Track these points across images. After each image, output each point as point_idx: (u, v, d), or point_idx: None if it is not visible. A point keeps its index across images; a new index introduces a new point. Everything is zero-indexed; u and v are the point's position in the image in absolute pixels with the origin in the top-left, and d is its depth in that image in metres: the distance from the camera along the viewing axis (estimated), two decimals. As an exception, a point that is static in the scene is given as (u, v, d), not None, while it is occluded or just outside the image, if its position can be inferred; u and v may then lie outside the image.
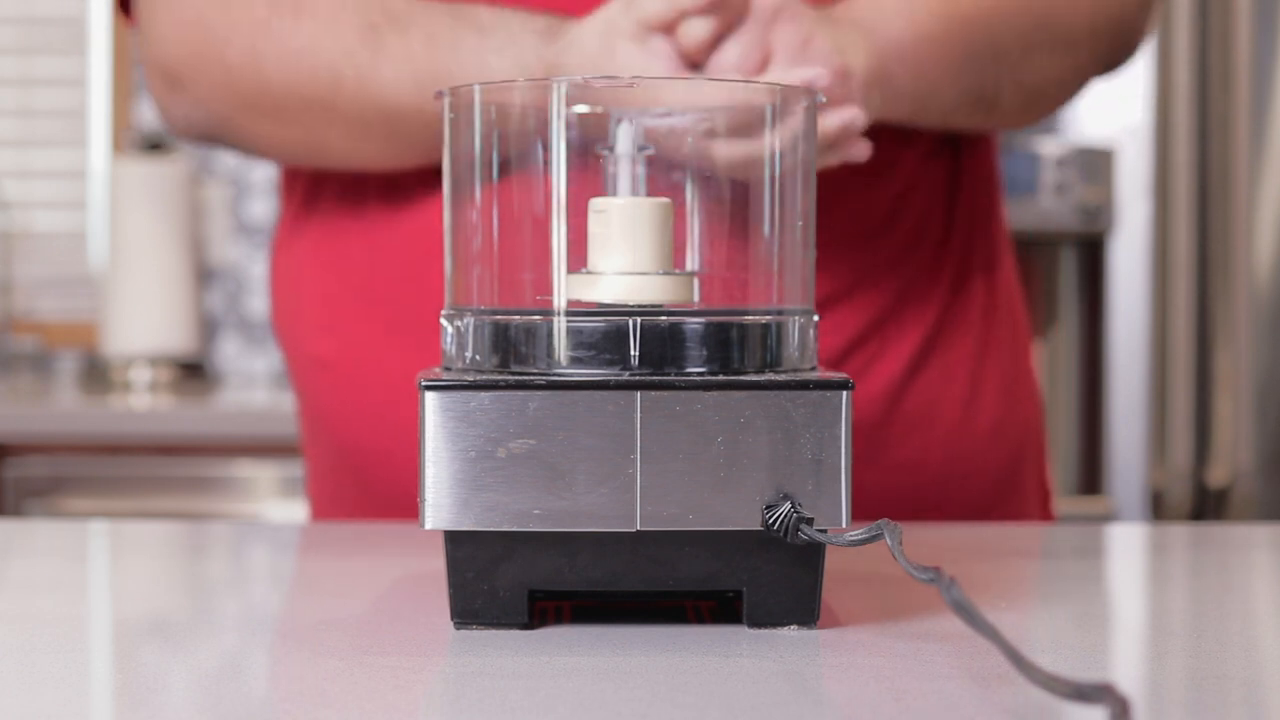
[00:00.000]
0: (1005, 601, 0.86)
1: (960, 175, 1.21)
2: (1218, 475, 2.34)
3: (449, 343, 0.82)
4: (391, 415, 1.16)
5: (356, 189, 1.18)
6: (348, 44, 1.08)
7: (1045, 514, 1.26)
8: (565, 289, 0.80)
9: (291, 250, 1.23)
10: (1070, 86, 1.21)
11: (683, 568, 0.77)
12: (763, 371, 0.78)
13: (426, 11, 1.08)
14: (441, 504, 0.75)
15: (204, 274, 2.95)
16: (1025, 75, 1.16)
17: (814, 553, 0.77)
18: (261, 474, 2.46)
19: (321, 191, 1.20)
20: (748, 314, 0.80)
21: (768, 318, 0.80)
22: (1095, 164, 2.47)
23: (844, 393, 0.76)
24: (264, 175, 2.95)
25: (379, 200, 1.17)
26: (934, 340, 1.18)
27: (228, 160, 2.96)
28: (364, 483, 1.19)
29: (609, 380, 0.75)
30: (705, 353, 0.78)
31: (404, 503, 1.15)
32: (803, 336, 0.81)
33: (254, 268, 2.98)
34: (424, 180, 1.14)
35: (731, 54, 0.98)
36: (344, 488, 1.22)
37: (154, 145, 2.84)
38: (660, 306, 0.79)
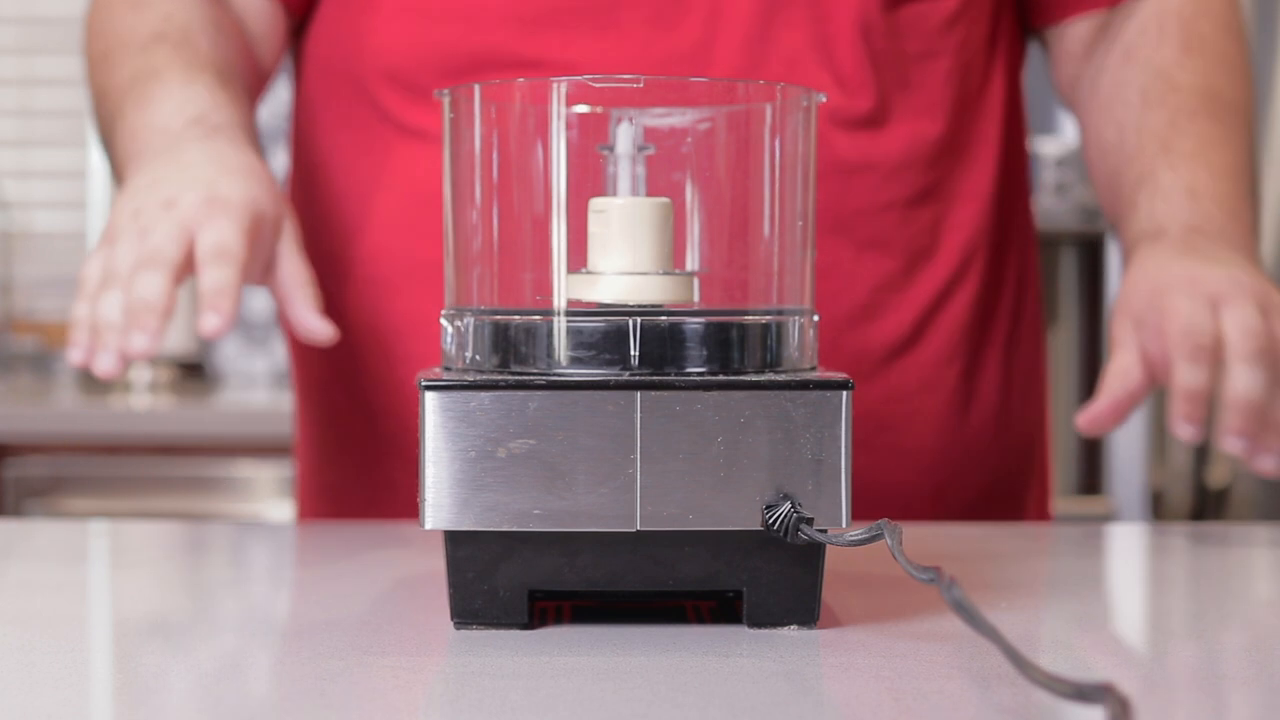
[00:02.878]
0: (1005, 601, 0.86)
1: (1007, 176, 1.22)
2: (1218, 475, 2.34)
3: (449, 343, 0.82)
4: (370, 382, 1.17)
5: (344, 169, 1.19)
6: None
7: (1043, 514, 1.26)
8: (565, 289, 0.80)
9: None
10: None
11: (683, 568, 0.77)
12: (763, 371, 0.79)
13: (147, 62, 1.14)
14: (441, 504, 0.75)
15: (204, 274, 2.95)
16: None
17: (814, 553, 0.77)
18: (261, 474, 2.46)
19: (311, 175, 1.22)
20: (748, 314, 0.80)
21: (768, 318, 0.80)
22: (1095, 164, 2.47)
23: (844, 393, 0.76)
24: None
25: (360, 183, 1.18)
26: (969, 331, 1.19)
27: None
28: (348, 442, 1.21)
29: (609, 380, 0.75)
30: (705, 353, 0.78)
31: (398, 489, 1.17)
32: (803, 336, 0.81)
33: (254, 268, 2.98)
34: (404, 164, 1.15)
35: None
36: (331, 459, 1.23)
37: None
38: (660, 306, 0.79)
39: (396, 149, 1.17)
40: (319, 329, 1.04)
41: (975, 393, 1.20)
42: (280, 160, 2.64)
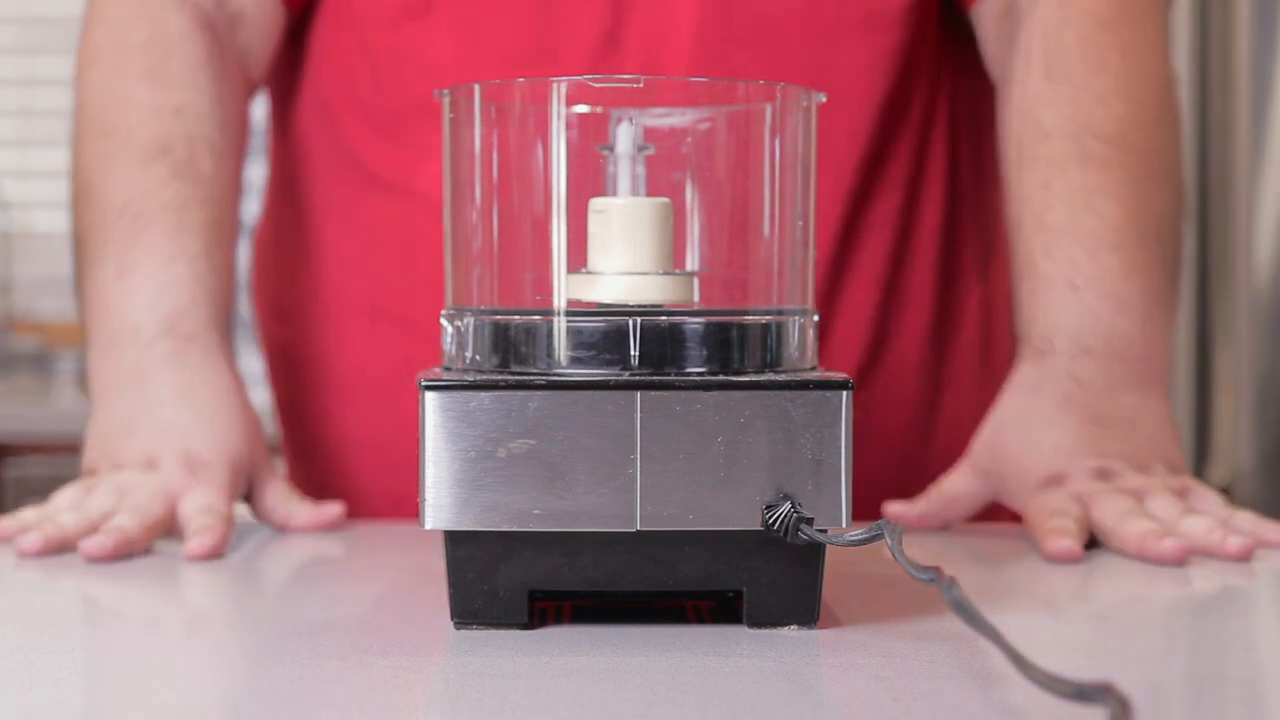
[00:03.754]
0: (1005, 602, 0.86)
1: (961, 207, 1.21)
2: (1218, 475, 2.34)
3: (449, 343, 0.82)
4: (339, 403, 1.18)
5: (315, 182, 1.20)
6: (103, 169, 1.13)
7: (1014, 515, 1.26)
8: (565, 289, 0.80)
9: (259, 240, 1.28)
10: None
11: (683, 568, 0.77)
12: (763, 371, 0.79)
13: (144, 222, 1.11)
14: (442, 504, 0.75)
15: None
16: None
17: (814, 553, 0.77)
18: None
19: (288, 185, 1.23)
20: (748, 314, 0.80)
21: (768, 318, 0.80)
22: (1095, 164, 2.46)
23: (844, 393, 0.76)
24: (261, 175, 2.95)
25: (335, 192, 1.19)
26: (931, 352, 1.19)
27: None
28: (310, 461, 1.22)
29: (609, 380, 0.75)
30: (705, 353, 0.78)
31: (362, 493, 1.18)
32: (803, 336, 0.81)
33: (254, 268, 2.98)
34: (376, 177, 1.16)
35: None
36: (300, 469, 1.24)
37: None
38: (660, 306, 0.79)
39: (352, 186, 1.18)
40: (328, 515, 1.09)
41: (932, 434, 1.20)
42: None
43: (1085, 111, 1.09)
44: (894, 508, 1.08)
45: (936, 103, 1.19)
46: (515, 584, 0.77)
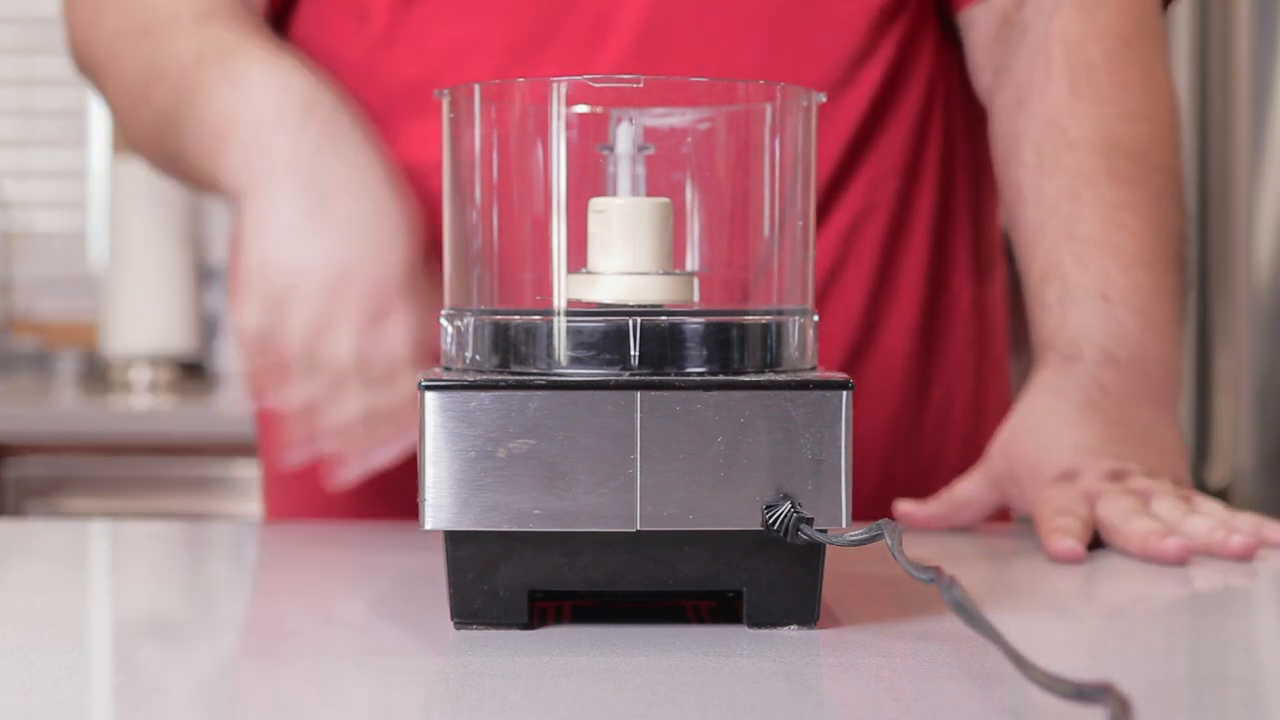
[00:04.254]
0: (1006, 601, 0.86)
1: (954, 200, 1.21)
2: (1218, 475, 2.34)
3: (449, 343, 0.82)
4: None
5: None
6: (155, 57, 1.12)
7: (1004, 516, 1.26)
8: (565, 289, 0.80)
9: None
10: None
11: (683, 568, 0.77)
12: (763, 371, 0.79)
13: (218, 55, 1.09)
14: (441, 504, 0.75)
15: (204, 274, 2.95)
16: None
17: (814, 553, 0.77)
18: (261, 474, 2.46)
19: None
20: (748, 314, 0.80)
21: (768, 318, 0.80)
22: (1095, 164, 2.46)
23: (844, 393, 0.76)
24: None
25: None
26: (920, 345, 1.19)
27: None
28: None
29: (609, 380, 0.75)
30: (705, 353, 0.78)
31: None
32: (803, 336, 0.81)
33: (254, 268, 2.97)
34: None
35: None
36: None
37: (154, 145, 2.83)
38: (660, 306, 0.79)
39: None
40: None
41: (920, 426, 1.20)
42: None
43: (1112, 127, 1.10)
44: (902, 506, 1.08)
45: (934, 99, 1.19)
46: (515, 584, 0.77)
